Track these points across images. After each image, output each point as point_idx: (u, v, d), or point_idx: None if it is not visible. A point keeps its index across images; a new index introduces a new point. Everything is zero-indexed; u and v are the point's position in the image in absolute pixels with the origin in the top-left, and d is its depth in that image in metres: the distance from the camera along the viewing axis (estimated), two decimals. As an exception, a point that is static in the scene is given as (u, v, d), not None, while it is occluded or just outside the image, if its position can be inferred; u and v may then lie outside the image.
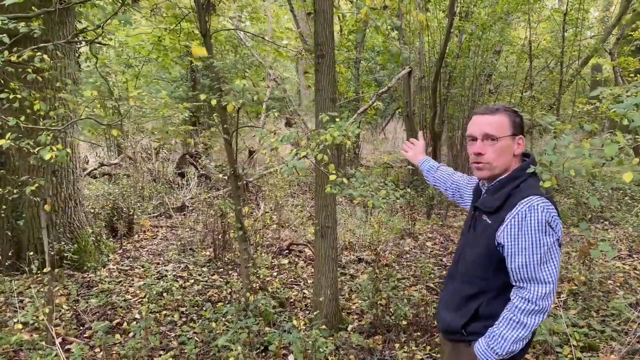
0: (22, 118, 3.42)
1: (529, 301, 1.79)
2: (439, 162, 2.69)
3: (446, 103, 10.35)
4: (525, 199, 1.80)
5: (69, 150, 3.06)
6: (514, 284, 1.86)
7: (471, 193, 2.30)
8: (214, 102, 3.51)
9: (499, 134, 1.91)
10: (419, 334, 4.08)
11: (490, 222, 1.90)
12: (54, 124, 3.50)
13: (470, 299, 1.98)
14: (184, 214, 8.18)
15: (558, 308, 4.59)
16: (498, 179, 1.96)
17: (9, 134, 3.17)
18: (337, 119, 2.92)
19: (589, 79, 14.17)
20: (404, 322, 4.18)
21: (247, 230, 4.58)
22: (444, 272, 5.58)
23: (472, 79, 10.44)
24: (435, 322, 2.35)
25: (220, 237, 6.17)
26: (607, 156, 1.39)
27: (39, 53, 3.25)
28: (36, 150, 3.05)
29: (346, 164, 11.11)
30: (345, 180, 2.87)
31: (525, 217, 1.77)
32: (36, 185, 3.49)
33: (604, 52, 10.70)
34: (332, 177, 2.83)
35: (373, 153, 15.39)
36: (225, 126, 3.92)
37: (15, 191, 3.84)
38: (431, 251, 6.58)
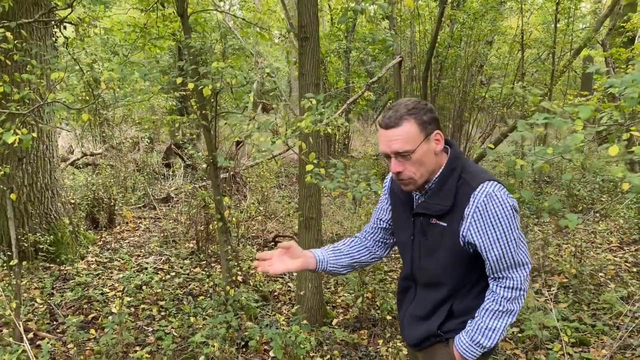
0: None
1: (513, 289, 1.72)
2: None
3: (437, 94, 10.21)
4: (478, 189, 1.67)
5: (34, 134, 2.87)
6: (492, 276, 1.76)
7: (391, 208, 2.01)
8: (191, 85, 3.33)
9: (412, 147, 1.68)
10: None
11: (446, 224, 1.74)
12: (19, 108, 3.30)
13: (442, 303, 1.84)
14: (169, 205, 8.00)
15: (548, 302, 4.48)
16: (432, 181, 1.77)
17: (-30, 117, 2.98)
18: (318, 104, 2.76)
19: (581, 71, 14.09)
20: (389, 317, 4.04)
21: (229, 221, 4.41)
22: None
23: (463, 69, 10.29)
24: (402, 338, 2.14)
25: (203, 228, 6.00)
26: (583, 119, 1.26)
27: (1, 30, 3.06)
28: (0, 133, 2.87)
29: (336, 155, 10.95)
30: (322, 170, 2.71)
31: (487, 207, 1.65)
32: (1, 172, 3.30)
33: (596, 43, 10.60)
34: (308, 167, 2.67)
35: (364, 145, 15.23)
36: (203, 112, 3.74)
37: (-20, 179, 3.65)
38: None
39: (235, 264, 4.61)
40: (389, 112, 1.70)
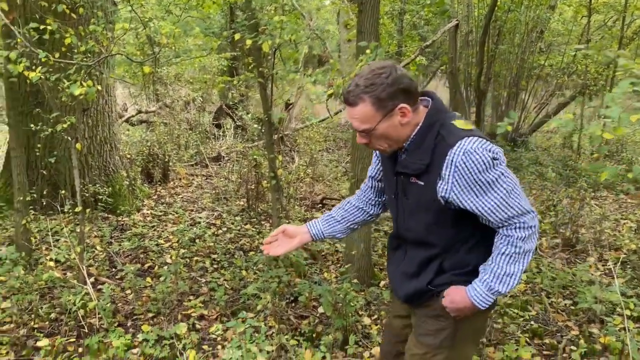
0: (57, 55, 3.34)
1: (524, 228, 1.64)
2: (481, 122, 2.19)
3: (493, 60, 9.84)
4: (455, 146, 1.59)
5: (99, 87, 2.95)
6: (496, 228, 1.69)
7: (381, 167, 1.97)
8: (249, 42, 3.32)
9: (370, 126, 1.64)
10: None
11: (423, 183, 1.69)
12: (85, 60, 3.39)
13: (430, 261, 1.81)
14: (219, 164, 8.15)
15: (603, 276, 4.35)
16: (411, 139, 1.70)
17: (39, 67, 3.08)
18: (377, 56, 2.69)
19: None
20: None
21: (281, 180, 4.45)
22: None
23: (522, 35, 9.86)
24: (392, 295, 2.15)
25: (253, 187, 6.10)
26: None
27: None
28: (66, 85, 2.96)
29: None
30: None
31: (465, 165, 1.58)
32: (68, 123, 3.43)
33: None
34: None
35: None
36: (260, 69, 3.74)
37: (47, 129, 3.80)
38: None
39: (287, 221, 4.67)
40: (351, 85, 1.64)
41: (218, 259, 4.59)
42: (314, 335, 3.39)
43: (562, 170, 8.00)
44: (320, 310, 3.69)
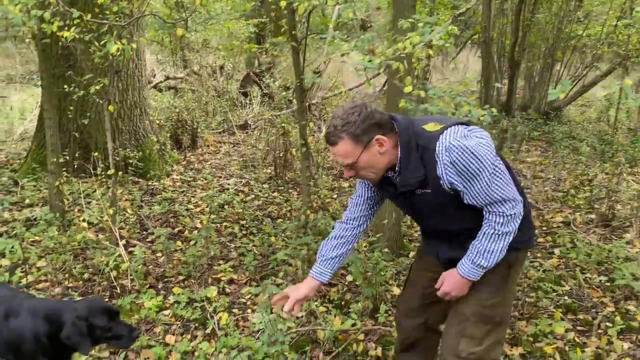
0: (89, 16, 3.30)
1: (503, 215, 1.80)
2: (513, 95, 2.30)
3: (529, 30, 9.49)
4: (437, 149, 1.75)
5: (134, 45, 2.91)
6: (485, 212, 1.85)
7: (376, 188, 2.09)
8: (283, 3, 3.23)
9: (352, 160, 1.82)
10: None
11: (430, 190, 1.84)
12: (117, 20, 3.35)
13: (464, 237, 1.95)
14: (247, 132, 8.12)
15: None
16: (398, 163, 1.86)
17: (73, 27, 3.05)
18: (425, 25, 2.59)
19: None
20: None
21: (310, 147, 4.40)
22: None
23: (560, 3, 9.47)
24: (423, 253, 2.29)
25: (281, 155, 6.07)
26: None
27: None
28: (101, 44, 2.93)
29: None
30: (422, 93, 2.58)
31: (452, 160, 1.73)
32: (101, 85, 3.41)
33: None
34: (407, 89, 2.55)
35: (443, 82, 14.66)
36: (293, 32, 3.65)
37: (79, 91, 3.80)
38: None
39: (315, 189, 4.64)
40: (329, 127, 1.82)
41: (247, 225, 4.60)
42: (342, 303, 3.39)
43: (597, 144, 7.76)
44: (349, 278, 3.68)
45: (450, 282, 1.98)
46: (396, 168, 1.87)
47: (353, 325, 3.04)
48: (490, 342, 1.97)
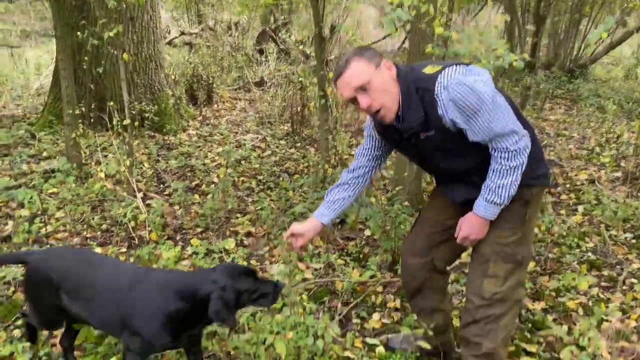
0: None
1: (508, 151, 1.80)
2: (537, 51, 2.20)
3: (556, -19, 9.08)
4: (436, 89, 1.77)
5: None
6: (490, 149, 1.85)
7: (382, 138, 2.11)
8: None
9: (367, 77, 1.81)
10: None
11: (433, 131, 1.85)
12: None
13: (475, 177, 1.95)
14: (262, 89, 8.00)
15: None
16: (400, 108, 1.87)
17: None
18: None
19: None
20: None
21: (329, 99, 4.29)
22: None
23: (591, -46, 9.02)
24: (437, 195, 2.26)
25: (298, 111, 5.97)
26: None
27: None
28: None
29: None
30: (454, 34, 2.45)
31: (452, 98, 1.74)
32: (115, 31, 3.33)
33: None
34: (438, 30, 2.43)
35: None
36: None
37: (94, 39, 3.72)
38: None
39: (333, 143, 4.56)
40: (338, 65, 1.86)
41: (264, 180, 4.56)
42: (360, 257, 3.35)
43: (624, 102, 7.51)
44: (367, 233, 3.63)
45: (467, 225, 1.98)
46: (398, 114, 1.88)
47: (372, 277, 3.01)
48: (512, 282, 1.96)
